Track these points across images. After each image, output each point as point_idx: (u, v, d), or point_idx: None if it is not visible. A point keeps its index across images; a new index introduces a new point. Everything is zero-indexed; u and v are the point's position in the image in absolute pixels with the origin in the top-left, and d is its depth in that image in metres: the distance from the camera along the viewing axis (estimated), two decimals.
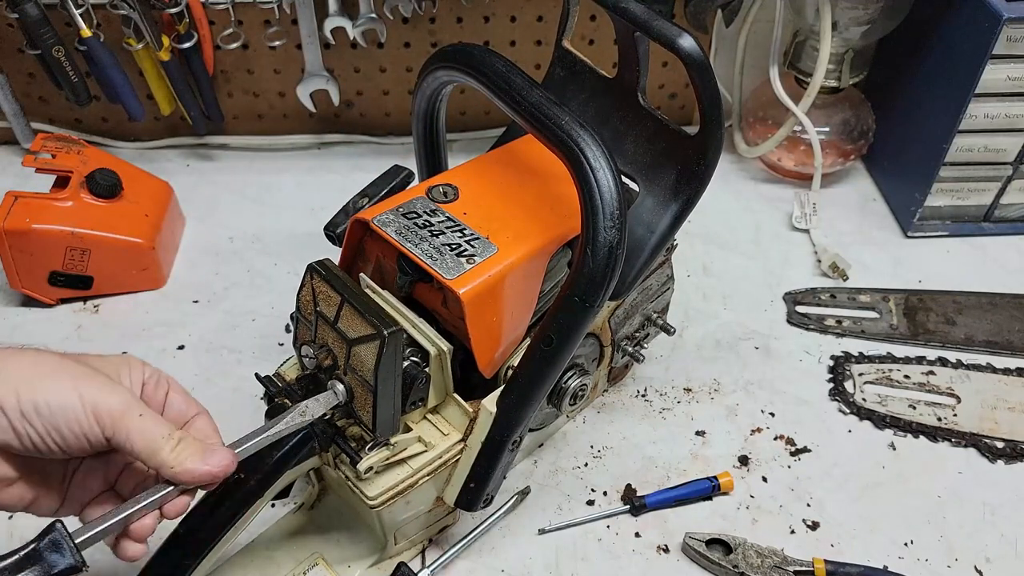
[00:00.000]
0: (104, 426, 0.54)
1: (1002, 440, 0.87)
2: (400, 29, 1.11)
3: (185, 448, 0.55)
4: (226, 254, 1.06)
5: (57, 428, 0.53)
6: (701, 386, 0.92)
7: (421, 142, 0.82)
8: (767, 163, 1.19)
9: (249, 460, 0.62)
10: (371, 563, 0.75)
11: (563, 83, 0.81)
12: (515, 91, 0.65)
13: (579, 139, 0.62)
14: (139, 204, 0.99)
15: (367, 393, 0.62)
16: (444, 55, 0.71)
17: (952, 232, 1.10)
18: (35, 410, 0.53)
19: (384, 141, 1.22)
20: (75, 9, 1.00)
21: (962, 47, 0.98)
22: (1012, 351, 0.95)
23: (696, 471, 0.84)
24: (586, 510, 0.81)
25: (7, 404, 0.52)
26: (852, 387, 0.91)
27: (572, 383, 0.76)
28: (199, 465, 0.55)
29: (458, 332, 0.70)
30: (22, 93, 1.14)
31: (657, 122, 0.74)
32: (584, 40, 1.13)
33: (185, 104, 1.11)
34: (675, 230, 0.73)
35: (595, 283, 0.63)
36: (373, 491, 0.67)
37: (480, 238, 0.69)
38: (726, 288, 1.03)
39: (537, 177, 0.76)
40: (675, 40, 0.65)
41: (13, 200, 0.93)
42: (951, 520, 0.81)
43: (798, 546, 0.78)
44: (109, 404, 0.54)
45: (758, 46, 1.13)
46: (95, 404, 0.54)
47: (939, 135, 1.02)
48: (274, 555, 0.74)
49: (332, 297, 0.64)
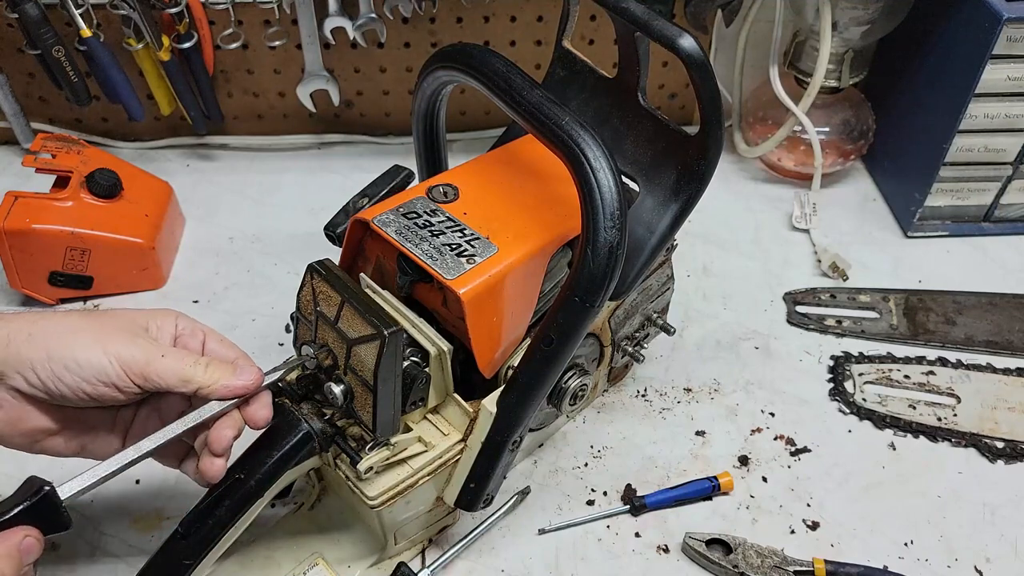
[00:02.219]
0: (133, 375, 0.59)
1: (1002, 440, 0.87)
2: (400, 29, 1.11)
3: (215, 369, 0.61)
4: (226, 254, 1.06)
5: (87, 381, 0.59)
6: (701, 386, 0.92)
7: (421, 142, 0.82)
8: (767, 163, 1.19)
9: (249, 460, 0.62)
10: (371, 563, 0.75)
11: (563, 83, 0.81)
12: (515, 91, 0.65)
13: (579, 139, 0.62)
14: (139, 204, 0.99)
15: (367, 393, 0.62)
16: (444, 55, 0.71)
17: (952, 232, 1.10)
18: (65, 367, 0.58)
19: (384, 141, 1.22)
20: (75, 9, 1.00)
21: (962, 47, 0.98)
22: (1012, 351, 0.95)
23: (696, 471, 0.84)
24: (586, 510, 0.81)
25: (38, 363, 0.58)
26: (852, 387, 0.91)
27: (572, 383, 0.76)
28: (233, 380, 0.61)
29: (458, 332, 0.70)
30: (22, 93, 1.14)
31: (657, 122, 0.74)
32: (584, 40, 1.13)
33: (185, 104, 1.11)
34: (675, 230, 0.73)
35: (595, 283, 0.63)
36: (373, 491, 0.67)
37: (480, 238, 0.69)
38: (726, 288, 1.03)
39: (537, 177, 0.76)
40: (675, 40, 0.65)
41: (13, 200, 0.93)
42: (951, 520, 0.81)
43: (798, 546, 0.78)
44: (132, 355, 0.60)
45: (758, 46, 1.13)
46: (120, 357, 0.59)
47: (939, 135, 1.02)
48: (274, 555, 0.74)
49: (332, 297, 0.64)
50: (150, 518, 0.79)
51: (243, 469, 0.62)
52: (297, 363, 0.66)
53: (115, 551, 0.77)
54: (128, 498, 0.80)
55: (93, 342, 0.59)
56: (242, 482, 0.62)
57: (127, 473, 0.81)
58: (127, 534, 0.78)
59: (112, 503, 0.80)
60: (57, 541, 0.77)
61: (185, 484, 0.79)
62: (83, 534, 0.78)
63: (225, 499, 0.62)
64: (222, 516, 0.62)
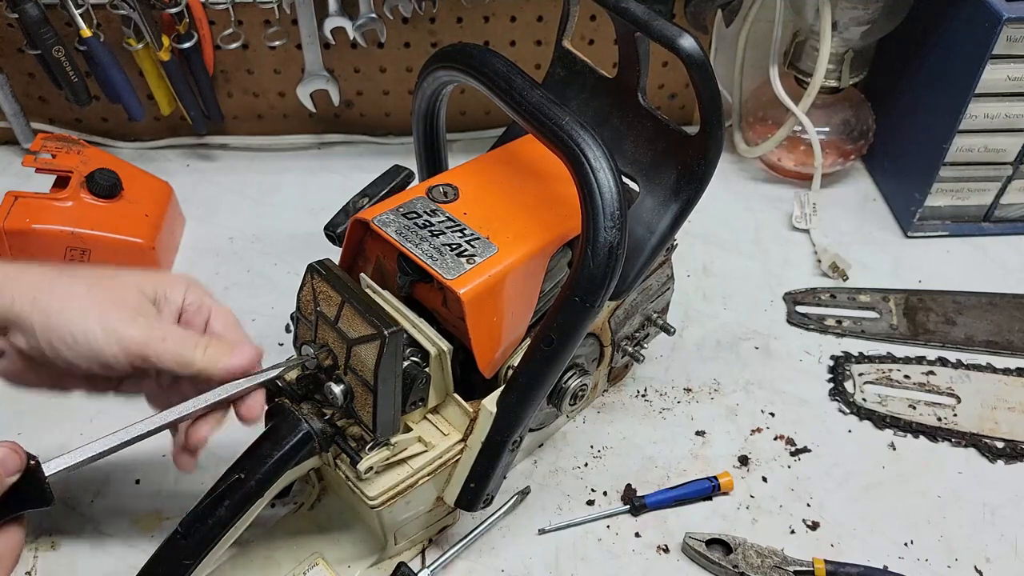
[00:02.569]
0: (131, 356, 0.59)
1: (1002, 440, 0.87)
2: (400, 29, 1.11)
3: (214, 350, 0.61)
4: (226, 254, 1.06)
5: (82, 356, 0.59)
6: (701, 386, 0.92)
7: (421, 142, 0.82)
8: (767, 163, 1.19)
9: (249, 460, 0.62)
10: (371, 563, 0.75)
11: (563, 83, 0.81)
12: (515, 91, 0.65)
13: (579, 139, 0.62)
14: (139, 204, 0.99)
15: (367, 393, 0.62)
16: (444, 55, 0.71)
17: (952, 232, 1.10)
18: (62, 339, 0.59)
19: (384, 141, 1.22)
20: (75, 9, 1.00)
21: (962, 47, 0.98)
22: (1012, 351, 0.96)
23: (696, 471, 0.84)
24: (586, 510, 0.81)
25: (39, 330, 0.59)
26: (852, 387, 0.92)
27: (572, 383, 0.76)
28: (230, 361, 0.62)
29: (458, 332, 0.70)
30: (22, 93, 1.14)
31: (657, 122, 0.74)
32: (584, 40, 1.13)
33: (185, 104, 1.11)
34: (675, 230, 0.73)
35: (595, 283, 0.63)
36: (373, 491, 0.67)
37: (480, 238, 0.69)
38: (726, 288, 1.03)
39: (537, 177, 0.76)
40: (675, 40, 0.65)
41: (13, 200, 0.93)
42: (951, 520, 0.81)
43: (798, 546, 0.78)
44: (132, 335, 0.59)
45: (758, 46, 1.13)
46: (119, 335, 0.59)
47: (939, 135, 1.02)
48: (274, 555, 0.74)
49: (333, 297, 0.64)
50: (150, 518, 0.79)
51: (243, 469, 0.62)
52: (297, 362, 0.66)
53: (115, 551, 0.77)
54: (128, 498, 0.80)
55: (95, 317, 0.59)
56: (242, 482, 0.62)
57: (127, 473, 0.81)
58: (127, 534, 0.78)
59: (112, 503, 0.80)
60: (57, 541, 0.77)
61: (185, 484, 0.79)
62: (83, 534, 0.77)
63: (225, 499, 0.62)
64: (222, 516, 0.61)
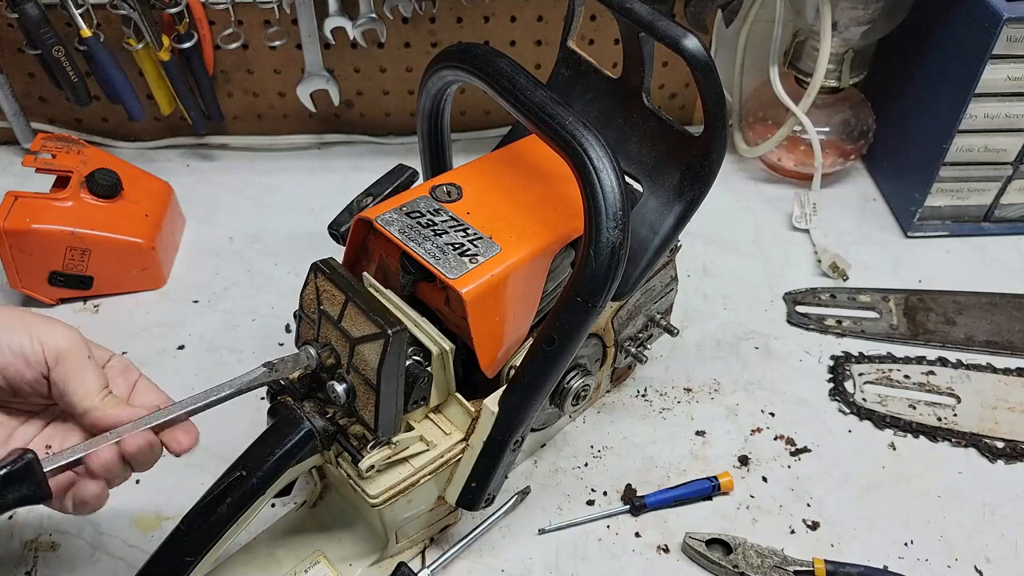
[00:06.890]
0: (49, 359, 0.59)
1: (1002, 440, 0.87)
2: (400, 29, 1.11)
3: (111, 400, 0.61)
4: (226, 254, 1.06)
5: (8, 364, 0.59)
6: (701, 386, 0.92)
7: (426, 142, 0.82)
8: (767, 163, 1.19)
9: (251, 457, 0.62)
10: (372, 562, 0.75)
11: (567, 83, 0.81)
12: (519, 91, 0.65)
13: (583, 139, 0.62)
14: (139, 204, 0.99)
15: (370, 392, 0.62)
16: (449, 55, 0.71)
17: (952, 232, 1.11)
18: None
19: (384, 141, 1.22)
20: (75, 9, 1.00)
21: (962, 47, 0.98)
22: (1012, 351, 0.96)
23: (696, 471, 0.84)
24: (586, 510, 0.81)
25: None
26: (852, 387, 0.92)
27: (574, 383, 0.76)
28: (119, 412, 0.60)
29: (461, 331, 0.70)
30: (22, 93, 1.14)
31: (661, 123, 0.74)
32: (584, 40, 1.13)
33: (185, 104, 1.11)
34: (679, 231, 0.73)
35: (598, 284, 0.63)
36: (375, 489, 0.67)
37: (483, 238, 0.69)
38: (726, 288, 1.03)
39: (541, 177, 0.76)
40: (680, 41, 0.65)
41: (13, 200, 0.93)
42: (951, 520, 0.81)
43: (798, 546, 0.78)
44: (57, 340, 0.59)
45: (758, 46, 1.13)
46: (43, 339, 0.59)
47: (939, 135, 1.03)
48: (275, 553, 0.74)
49: (336, 296, 0.64)
50: (150, 518, 0.79)
51: (245, 466, 0.62)
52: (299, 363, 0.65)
53: (115, 551, 0.77)
54: (128, 498, 0.79)
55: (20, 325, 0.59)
56: (244, 479, 0.62)
57: None
58: (127, 534, 0.78)
59: (112, 503, 0.79)
60: (57, 541, 0.77)
61: (185, 484, 0.79)
62: (83, 534, 0.77)
63: (227, 496, 0.62)
64: (224, 513, 0.62)
